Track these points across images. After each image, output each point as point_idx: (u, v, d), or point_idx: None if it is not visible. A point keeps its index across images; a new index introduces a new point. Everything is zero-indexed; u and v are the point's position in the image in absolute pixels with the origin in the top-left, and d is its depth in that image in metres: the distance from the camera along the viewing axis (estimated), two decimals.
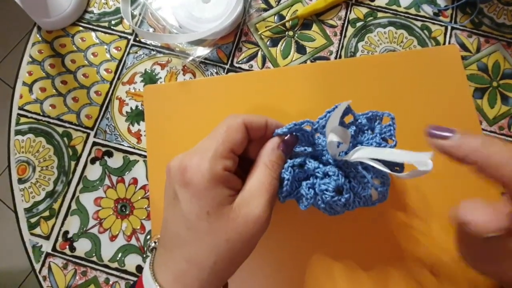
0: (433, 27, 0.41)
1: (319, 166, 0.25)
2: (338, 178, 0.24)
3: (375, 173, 0.25)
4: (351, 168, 0.25)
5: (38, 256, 0.36)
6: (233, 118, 0.25)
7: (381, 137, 0.26)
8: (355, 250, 0.33)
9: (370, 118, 0.28)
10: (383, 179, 0.26)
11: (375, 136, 0.26)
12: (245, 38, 0.42)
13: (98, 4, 0.44)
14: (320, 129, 0.26)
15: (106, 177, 0.38)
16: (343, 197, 0.25)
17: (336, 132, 0.24)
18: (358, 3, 0.42)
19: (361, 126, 0.27)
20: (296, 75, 0.38)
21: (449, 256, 0.32)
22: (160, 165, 0.37)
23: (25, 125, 0.40)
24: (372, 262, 0.33)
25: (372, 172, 0.25)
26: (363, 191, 0.25)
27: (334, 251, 0.33)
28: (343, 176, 0.25)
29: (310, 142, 0.27)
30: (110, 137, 0.39)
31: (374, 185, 0.25)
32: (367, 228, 0.33)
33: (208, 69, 0.41)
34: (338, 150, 0.25)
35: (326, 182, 0.25)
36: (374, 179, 0.25)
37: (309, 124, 0.26)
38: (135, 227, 0.36)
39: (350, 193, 0.25)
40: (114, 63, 0.41)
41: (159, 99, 0.38)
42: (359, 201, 0.25)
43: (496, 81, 0.39)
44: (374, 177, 0.25)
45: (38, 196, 0.38)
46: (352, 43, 0.41)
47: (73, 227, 0.37)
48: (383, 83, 0.37)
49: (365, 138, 0.27)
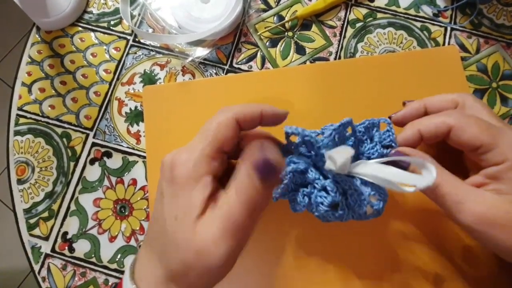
0: (432, 28, 0.41)
1: (319, 178, 0.25)
2: (335, 195, 0.24)
3: (373, 188, 0.25)
4: (349, 183, 0.25)
5: (37, 257, 0.36)
6: (224, 113, 0.24)
7: (382, 145, 0.26)
8: (352, 248, 0.33)
9: (367, 127, 0.27)
10: (380, 196, 0.25)
11: (376, 145, 0.26)
12: (245, 39, 0.41)
13: (97, 4, 0.44)
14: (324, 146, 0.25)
15: (105, 178, 0.38)
16: (338, 213, 0.24)
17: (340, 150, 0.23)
18: (357, 3, 0.42)
19: (360, 136, 0.27)
20: (296, 76, 0.38)
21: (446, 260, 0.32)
22: (159, 166, 0.36)
23: (24, 126, 0.40)
24: (368, 260, 0.33)
25: (370, 187, 0.25)
26: (359, 208, 0.24)
27: (331, 249, 0.33)
28: (340, 194, 0.24)
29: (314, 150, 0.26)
30: (109, 138, 0.39)
31: (370, 203, 0.25)
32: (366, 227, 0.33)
33: (208, 70, 0.41)
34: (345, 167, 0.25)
35: (323, 195, 0.24)
36: (371, 196, 0.25)
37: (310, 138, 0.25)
38: (134, 228, 0.36)
39: (345, 210, 0.25)
40: (113, 63, 0.41)
41: (159, 99, 0.38)
42: (353, 215, 0.25)
43: (496, 82, 0.39)
44: (371, 194, 0.25)
45: (37, 196, 0.38)
46: (352, 44, 0.41)
47: (72, 228, 0.37)
48: (383, 84, 0.37)
49: (365, 149, 0.26)
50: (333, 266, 0.33)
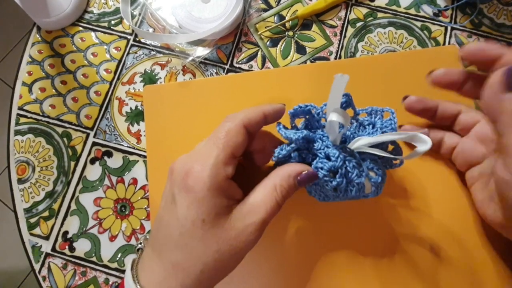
0: (433, 28, 0.41)
1: (324, 148, 0.26)
2: (336, 160, 0.25)
3: (371, 163, 0.26)
4: (349, 155, 0.25)
5: (38, 256, 0.36)
6: (232, 120, 0.25)
7: (382, 132, 0.26)
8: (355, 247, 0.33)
9: (370, 113, 0.28)
10: (380, 172, 0.26)
11: (376, 131, 0.26)
12: (245, 38, 0.42)
13: (97, 4, 0.44)
14: (323, 114, 0.27)
15: (105, 177, 0.38)
16: (335, 180, 0.25)
17: (337, 112, 0.24)
18: (358, 3, 0.42)
19: (362, 121, 0.27)
20: (296, 75, 0.38)
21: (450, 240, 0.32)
22: (159, 165, 0.37)
23: (25, 125, 0.40)
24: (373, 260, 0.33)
25: (369, 161, 0.26)
26: (357, 178, 0.25)
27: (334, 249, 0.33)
28: (341, 160, 0.25)
29: (316, 126, 0.27)
30: (110, 137, 0.39)
31: (369, 175, 0.25)
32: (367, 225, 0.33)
33: (208, 69, 0.41)
34: (339, 133, 0.25)
35: (324, 161, 0.25)
36: (370, 170, 0.25)
37: (313, 109, 0.27)
38: (134, 227, 0.36)
39: (343, 178, 0.25)
40: (113, 63, 0.41)
41: (159, 99, 0.38)
42: (351, 189, 0.25)
43: None
44: (369, 167, 0.26)
45: (38, 196, 0.38)
46: (352, 44, 0.41)
47: (72, 227, 0.37)
48: (383, 84, 0.37)
49: (365, 133, 0.27)
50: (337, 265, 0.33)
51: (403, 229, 0.33)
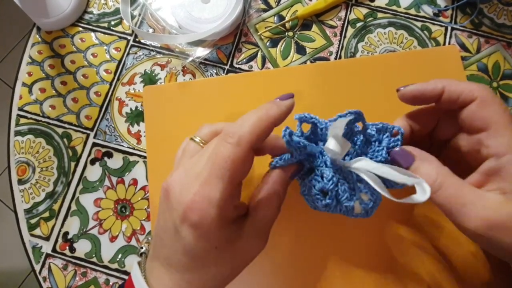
0: (433, 28, 0.41)
1: (322, 166, 0.26)
2: (327, 182, 0.25)
3: (367, 187, 0.25)
4: (346, 175, 0.25)
5: (38, 257, 0.36)
6: (237, 140, 0.22)
7: (387, 151, 0.26)
8: (354, 249, 0.33)
9: (379, 129, 0.27)
10: (372, 197, 0.25)
11: (382, 150, 0.26)
12: (245, 39, 0.41)
13: (97, 4, 0.44)
14: (326, 130, 0.27)
15: (106, 178, 0.38)
16: (325, 200, 0.25)
17: (337, 140, 0.24)
18: (358, 3, 0.42)
19: (369, 137, 0.27)
20: (296, 75, 0.38)
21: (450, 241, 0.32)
22: (160, 166, 0.36)
23: (25, 126, 0.40)
24: (370, 262, 0.33)
25: (364, 185, 0.25)
26: (346, 201, 0.25)
27: (333, 251, 0.33)
28: (333, 184, 0.25)
29: (319, 138, 0.27)
30: (110, 138, 0.39)
31: (360, 200, 0.25)
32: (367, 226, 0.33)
33: (208, 70, 0.41)
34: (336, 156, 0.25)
35: (318, 179, 0.25)
36: (364, 194, 0.25)
37: (318, 122, 0.27)
38: (135, 228, 0.36)
39: (333, 200, 0.25)
40: (113, 63, 0.41)
41: (159, 99, 0.38)
42: (340, 208, 0.25)
43: (496, 81, 0.39)
44: (363, 191, 0.25)
45: (38, 197, 0.38)
46: (352, 44, 0.41)
47: (73, 228, 0.37)
48: (383, 84, 0.37)
49: (370, 150, 0.26)
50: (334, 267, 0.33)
51: (403, 231, 0.33)
